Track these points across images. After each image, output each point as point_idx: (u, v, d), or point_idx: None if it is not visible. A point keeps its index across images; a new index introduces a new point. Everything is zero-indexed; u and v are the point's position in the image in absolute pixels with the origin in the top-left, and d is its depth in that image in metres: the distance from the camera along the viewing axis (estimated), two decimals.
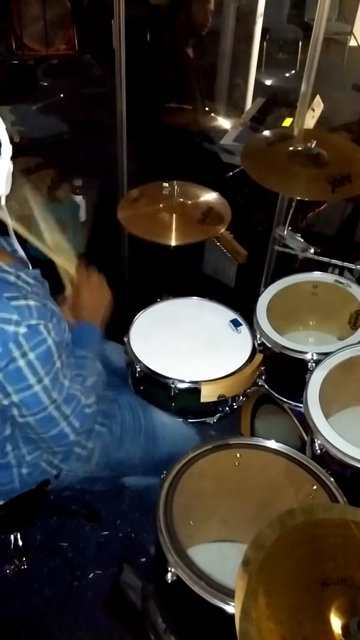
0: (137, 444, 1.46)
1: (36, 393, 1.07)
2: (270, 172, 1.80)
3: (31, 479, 1.30)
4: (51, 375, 1.08)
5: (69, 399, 1.15)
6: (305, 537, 0.96)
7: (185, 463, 1.31)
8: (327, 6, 1.84)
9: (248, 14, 3.40)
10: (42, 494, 1.37)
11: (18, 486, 1.30)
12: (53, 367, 1.09)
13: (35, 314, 1.03)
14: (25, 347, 1.02)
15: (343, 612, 0.86)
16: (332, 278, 1.89)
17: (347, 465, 1.31)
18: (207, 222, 1.89)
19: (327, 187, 1.72)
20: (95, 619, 1.65)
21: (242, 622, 0.85)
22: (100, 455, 1.40)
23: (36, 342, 1.03)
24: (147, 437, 1.48)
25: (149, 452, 1.48)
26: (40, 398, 1.09)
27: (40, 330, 1.04)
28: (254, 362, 1.60)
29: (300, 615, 0.85)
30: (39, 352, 1.04)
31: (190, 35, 3.13)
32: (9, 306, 1.01)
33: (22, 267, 1.17)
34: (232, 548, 1.47)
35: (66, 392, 1.14)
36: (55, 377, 1.10)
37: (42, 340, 1.04)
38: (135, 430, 1.47)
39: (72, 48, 5.12)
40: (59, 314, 1.15)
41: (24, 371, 1.04)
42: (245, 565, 0.91)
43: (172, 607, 1.26)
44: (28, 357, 1.03)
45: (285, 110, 2.88)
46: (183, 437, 1.55)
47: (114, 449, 1.42)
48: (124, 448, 1.44)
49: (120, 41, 2.13)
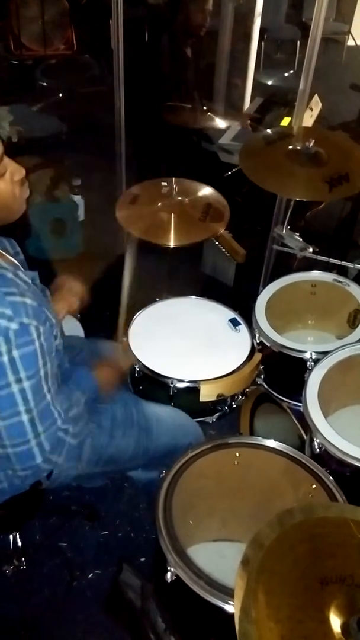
0: (130, 438, 1.43)
1: (12, 394, 1.04)
2: (268, 173, 1.80)
3: (19, 480, 1.27)
4: (32, 382, 1.05)
5: (46, 415, 1.10)
6: (305, 536, 0.96)
7: (185, 462, 1.31)
8: (325, 6, 1.85)
9: (246, 14, 3.40)
10: (38, 494, 1.37)
11: (7, 487, 1.27)
12: (37, 373, 1.06)
13: (31, 312, 1.02)
14: (12, 344, 1.00)
15: (342, 610, 0.86)
16: (331, 277, 1.89)
17: (346, 464, 1.31)
18: (207, 220, 1.88)
19: (324, 186, 1.72)
20: (95, 618, 1.65)
21: (241, 622, 0.85)
22: (91, 451, 1.37)
23: (24, 341, 1.02)
24: (140, 429, 1.45)
25: (143, 445, 1.45)
26: (15, 400, 1.05)
27: (31, 331, 1.02)
28: (253, 361, 1.60)
29: (299, 614, 0.85)
30: (25, 352, 1.02)
31: (188, 35, 3.12)
32: (4, 301, 1.00)
33: (20, 268, 1.16)
34: (231, 547, 1.47)
35: (44, 406, 1.10)
36: (36, 385, 1.06)
37: (31, 341, 1.03)
38: (127, 424, 1.44)
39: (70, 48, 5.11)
40: (53, 319, 1.13)
41: (4, 367, 1.01)
42: (244, 564, 0.91)
43: (171, 606, 1.26)
44: (12, 355, 1.01)
45: (283, 109, 2.89)
46: (180, 427, 1.53)
47: (104, 444, 1.39)
48: (115, 443, 1.41)
49: (119, 41, 2.14)
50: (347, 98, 3.26)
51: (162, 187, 1.94)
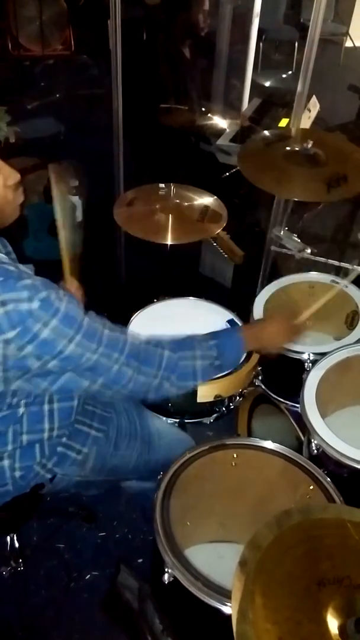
0: (133, 449, 1.45)
1: (72, 352, 1.07)
2: (267, 173, 1.80)
3: (25, 482, 1.29)
4: (83, 331, 1.07)
5: (114, 344, 1.13)
6: (302, 537, 0.96)
7: (182, 464, 1.30)
8: (323, 7, 1.85)
9: (244, 15, 3.40)
10: (37, 496, 1.37)
11: (12, 489, 1.29)
12: (81, 322, 1.08)
13: (42, 287, 1.03)
14: (45, 318, 1.02)
15: (340, 612, 0.85)
16: (329, 278, 1.89)
17: (344, 465, 1.31)
18: (205, 221, 1.88)
19: (322, 187, 1.72)
20: (92, 620, 1.65)
21: (239, 623, 0.85)
22: (95, 460, 1.38)
23: (54, 309, 1.03)
24: (143, 442, 1.47)
25: (144, 458, 1.46)
26: (80, 353, 1.08)
27: (52, 300, 1.03)
28: (250, 362, 1.60)
29: (297, 615, 0.85)
30: (60, 317, 1.04)
31: (186, 36, 3.13)
32: (16, 286, 1.01)
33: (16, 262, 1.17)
34: (229, 548, 1.47)
35: (108, 337, 1.12)
36: (88, 330, 1.08)
37: (58, 308, 1.04)
38: (131, 436, 1.45)
39: (68, 48, 5.13)
40: None
41: (52, 339, 1.04)
42: (242, 565, 0.91)
43: (169, 608, 1.26)
44: (52, 324, 1.03)
45: (281, 110, 2.89)
46: (179, 441, 1.54)
47: (109, 454, 1.41)
48: (119, 453, 1.42)
49: (117, 41, 2.13)
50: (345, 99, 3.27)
51: (160, 189, 1.95)
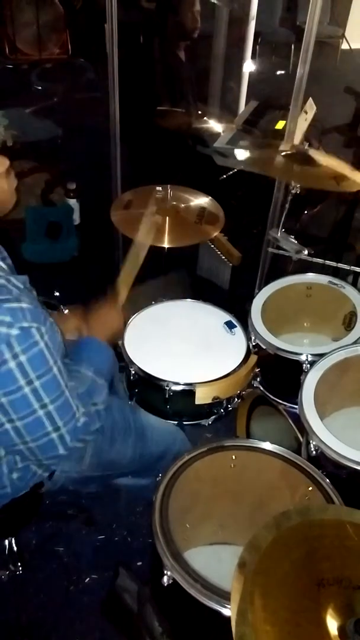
0: (128, 443, 1.47)
1: (25, 395, 1.05)
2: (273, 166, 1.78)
3: (23, 483, 1.30)
4: (44, 379, 1.06)
5: (65, 410, 1.12)
6: (301, 539, 0.96)
7: (181, 466, 1.30)
8: (319, 10, 1.85)
9: (240, 18, 3.41)
10: (37, 498, 1.37)
11: (10, 491, 1.29)
12: (49, 371, 1.07)
13: (29, 316, 1.03)
14: (16, 349, 1.01)
15: (339, 613, 0.85)
16: (326, 279, 1.89)
17: (343, 466, 1.31)
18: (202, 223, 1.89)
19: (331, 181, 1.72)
20: (92, 623, 1.64)
21: (238, 625, 0.84)
22: (93, 455, 1.40)
23: (28, 344, 1.02)
24: (137, 436, 1.49)
25: (139, 452, 1.48)
26: (29, 400, 1.06)
27: (32, 333, 1.03)
28: (249, 364, 1.60)
29: (296, 616, 0.85)
30: (31, 354, 1.03)
31: (181, 39, 3.13)
32: (1, 308, 1.01)
33: (10, 272, 1.17)
34: (228, 550, 1.46)
35: (62, 401, 1.11)
36: (50, 382, 1.08)
37: (34, 343, 1.03)
38: (126, 431, 1.48)
39: (65, 52, 5.14)
40: (51, 318, 1.14)
41: (14, 373, 1.03)
42: (241, 567, 0.91)
43: (168, 610, 1.26)
44: (19, 359, 1.02)
45: (278, 113, 2.89)
46: (170, 433, 1.56)
47: (106, 448, 1.42)
48: (115, 448, 1.44)
49: (113, 45, 2.14)
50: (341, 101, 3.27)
51: (157, 192, 1.95)
